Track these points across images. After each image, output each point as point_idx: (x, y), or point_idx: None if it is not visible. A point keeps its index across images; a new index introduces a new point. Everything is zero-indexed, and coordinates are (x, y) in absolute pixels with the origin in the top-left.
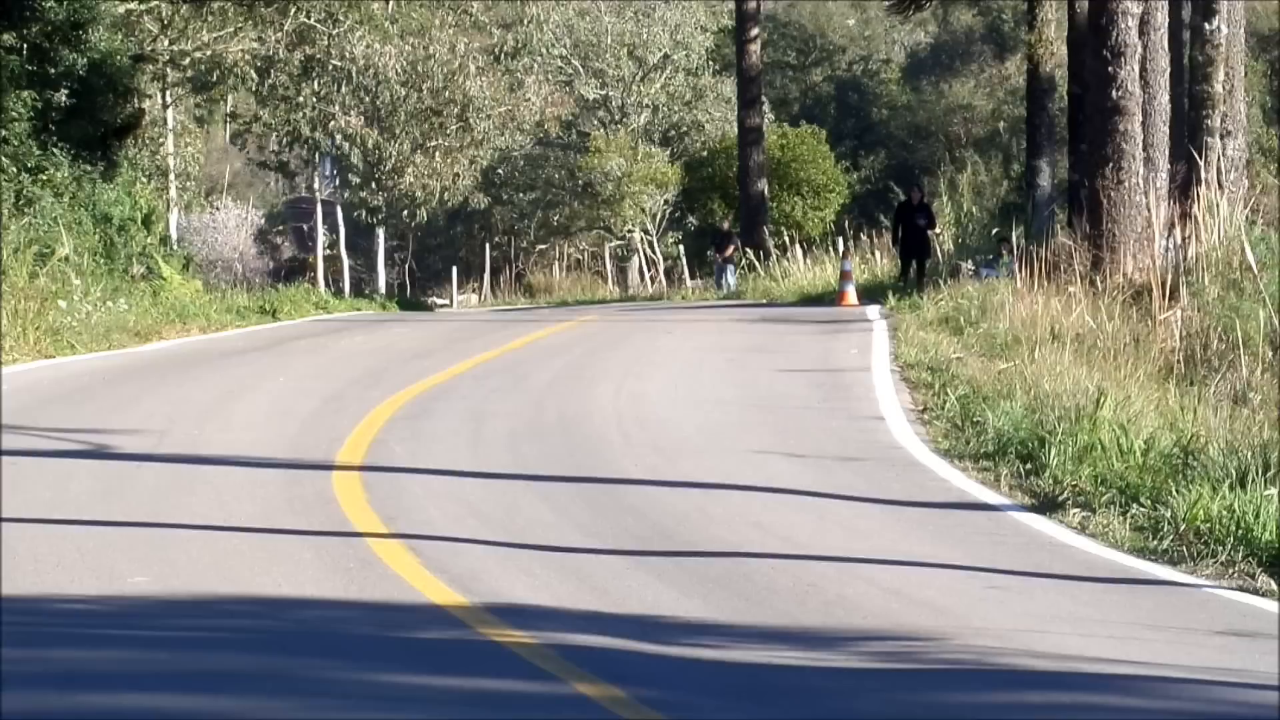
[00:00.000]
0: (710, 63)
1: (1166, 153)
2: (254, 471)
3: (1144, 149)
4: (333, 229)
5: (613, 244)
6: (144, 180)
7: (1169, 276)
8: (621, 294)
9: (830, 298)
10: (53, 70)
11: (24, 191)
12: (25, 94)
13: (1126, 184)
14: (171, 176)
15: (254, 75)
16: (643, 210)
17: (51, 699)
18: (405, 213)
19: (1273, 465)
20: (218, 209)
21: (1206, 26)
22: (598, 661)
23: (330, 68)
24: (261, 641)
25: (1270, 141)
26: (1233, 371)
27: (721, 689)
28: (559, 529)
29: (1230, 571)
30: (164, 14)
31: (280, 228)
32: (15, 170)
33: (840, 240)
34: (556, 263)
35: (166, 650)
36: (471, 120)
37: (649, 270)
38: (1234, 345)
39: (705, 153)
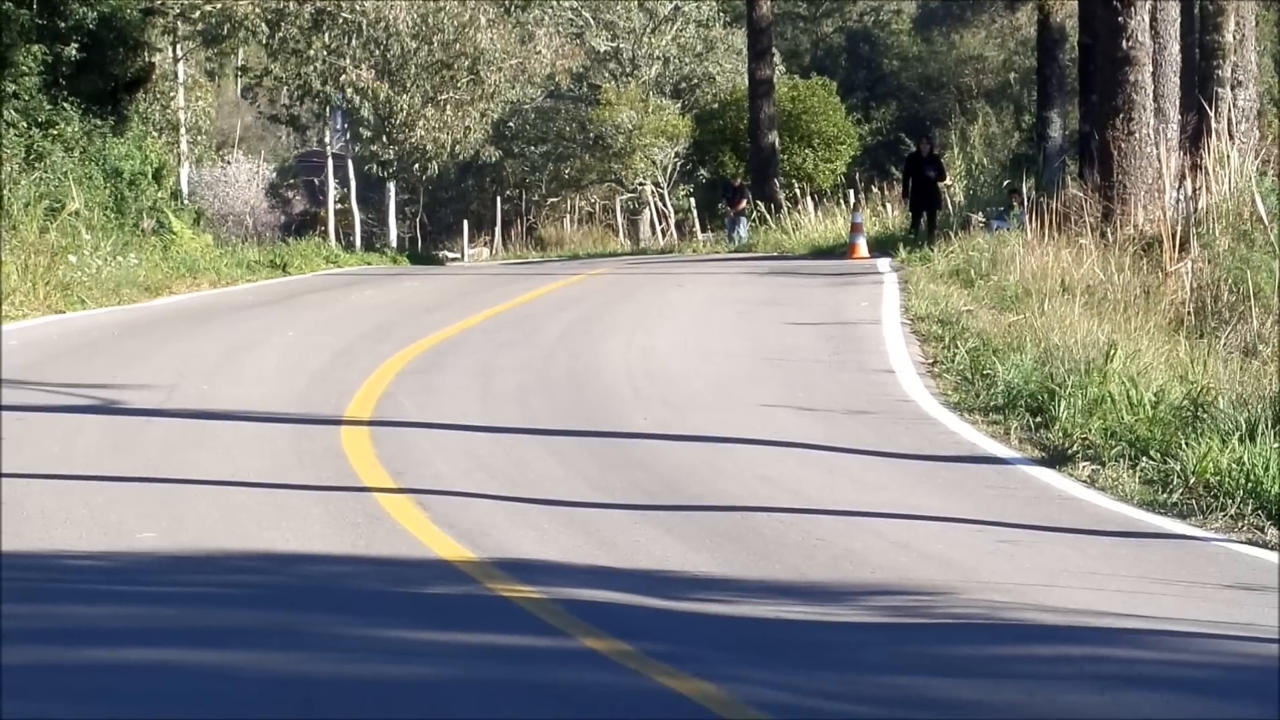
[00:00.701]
0: (721, 14)
1: (1177, 103)
2: (263, 426)
3: (1154, 99)
4: (344, 183)
5: (624, 197)
6: (154, 134)
7: (1179, 228)
8: (633, 247)
9: (841, 250)
10: (62, 24)
11: (34, 146)
12: (35, 48)
13: (1137, 135)
14: (182, 131)
15: (264, 28)
16: (654, 163)
17: (59, 654)
18: (416, 166)
19: None
20: (229, 163)
21: None
22: (605, 616)
23: (341, 21)
24: (269, 597)
25: None
26: (1243, 323)
27: (730, 643)
28: (567, 483)
29: (1239, 525)
30: None
31: (291, 182)
32: (25, 125)
33: (851, 192)
34: (568, 216)
35: (174, 606)
36: (482, 73)
37: (660, 223)
38: (1244, 297)
39: (716, 105)
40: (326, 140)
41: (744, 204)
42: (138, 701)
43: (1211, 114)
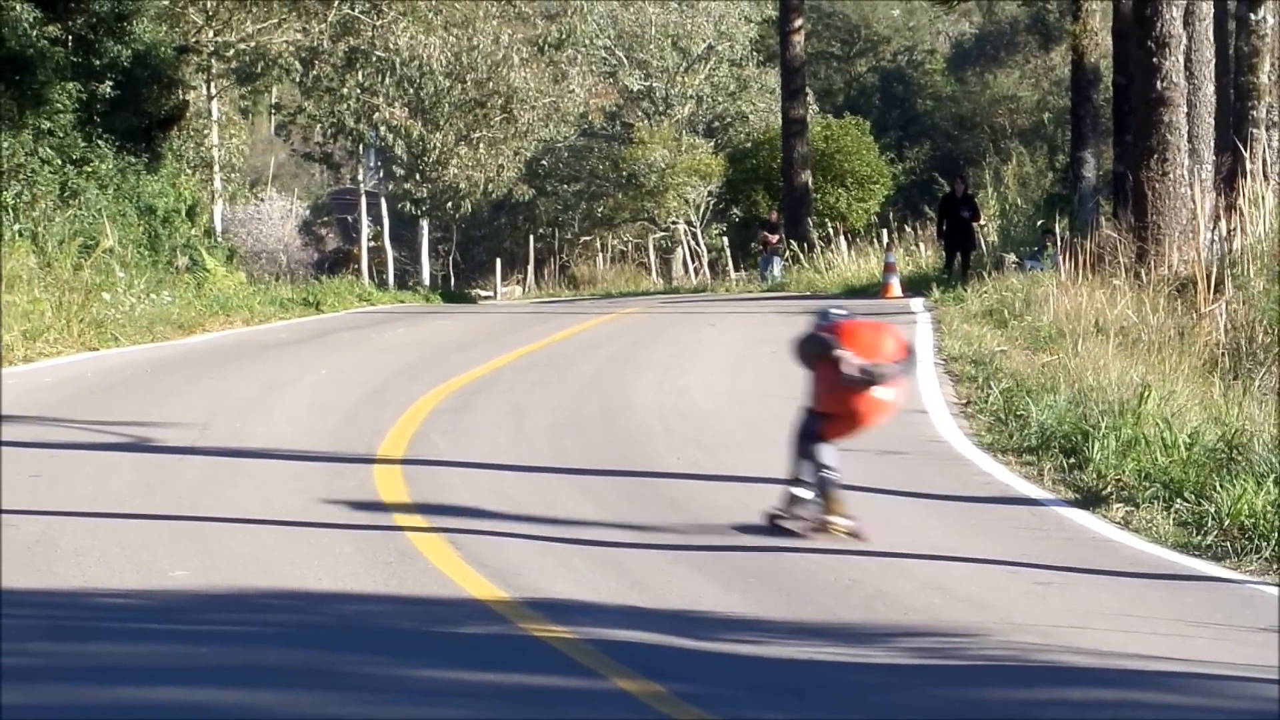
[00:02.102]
0: (754, 54)
1: (1212, 144)
2: (295, 464)
3: (1189, 140)
4: (377, 220)
5: (657, 235)
6: (188, 172)
7: (1214, 269)
8: (665, 286)
9: (874, 290)
10: (97, 62)
11: (69, 183)
12: (70, 86)
13: (1171, 175)
14: (216, 168)
15: (298, 67)
16: (686, 202)
17: (91, 693)
18: (449, 204)
19: None
20: (262, 201)
21: (1252, 17)
22: (638, 657)
23: (374, 59)
24: (301, 636)
25: None
26: (1278, 365)
27: (762, 684)
28: (599, 523)
29: (1274, 567)
30: (208, 5)
31: (324, 219)
32: (60, 162)
33: (884, 232)
34: (600, 254)
35: (206, 644)
36: (515, 111)
37: (693, 262)
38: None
39: (749, 144)
40: (360, 178)
41: (777, 239)
42: None
43: (1246, 155)
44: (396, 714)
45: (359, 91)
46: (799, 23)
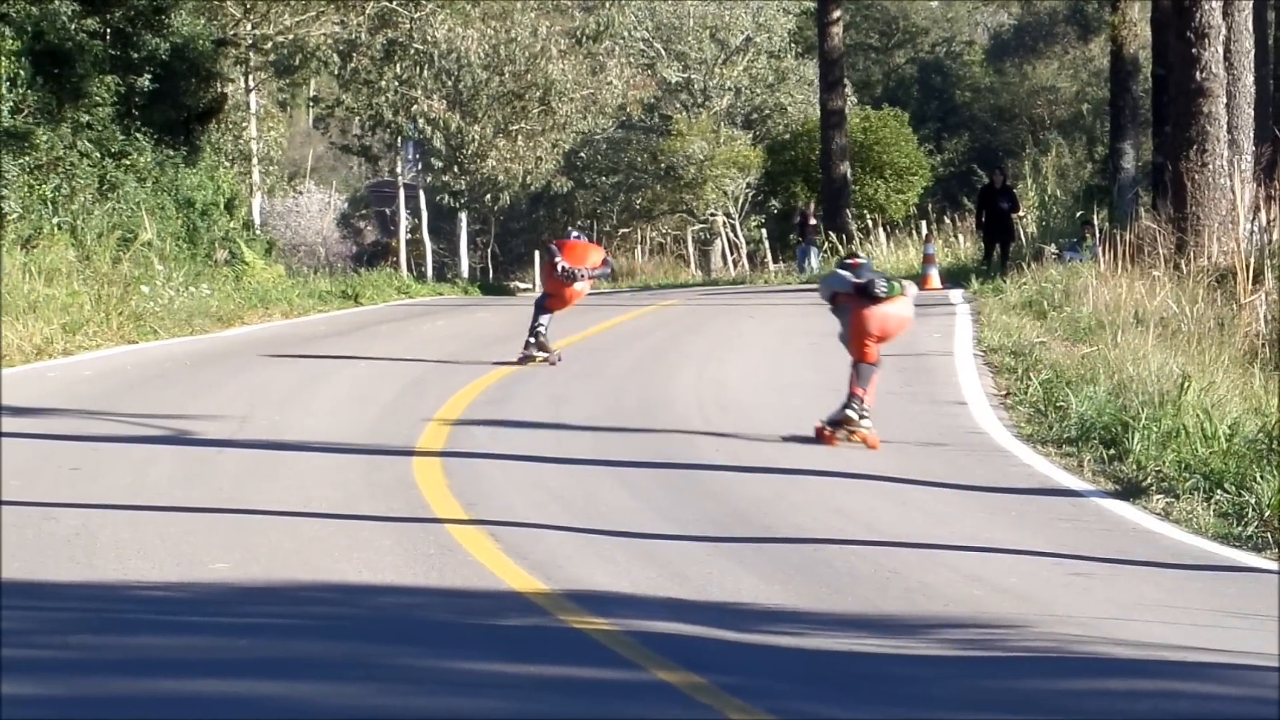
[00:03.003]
0: (792, 45)
1: (1251, 135)
2: (335, 457)
3: (1228, 131)
4: (415, 213)
5: (695, 227)
6: (226, 165)
7: (1253, 260)
8: (704, 278)
9: (913, 281)
10: (135, 55)
11: (107, 176)
12: (108, 79)
13: (1211, 166)
14: (254, 161)
15: (336, 59)
16: (725, 193)
17: (131, 685)
18: (488, 196)
19: None
20: (300, 193)
21: None
22: (678, 648)
23: (412, 51)
24: (341, 628)
25: None
26: None
27: (802, 676)
28: (639, 515)
29: None
30: None
31: (363, 212)
32: (99, 155)
33: (923, 223)
34: (639, 246)
35: (246, 637)
36: (553, 104)
37: (731, 254)
38: None
39: (787, 136)
40: (398, 170)
41: (812, 223)
42: None
43: None
44: (436, 706)
45: (397, 84)
46: (837, 14)
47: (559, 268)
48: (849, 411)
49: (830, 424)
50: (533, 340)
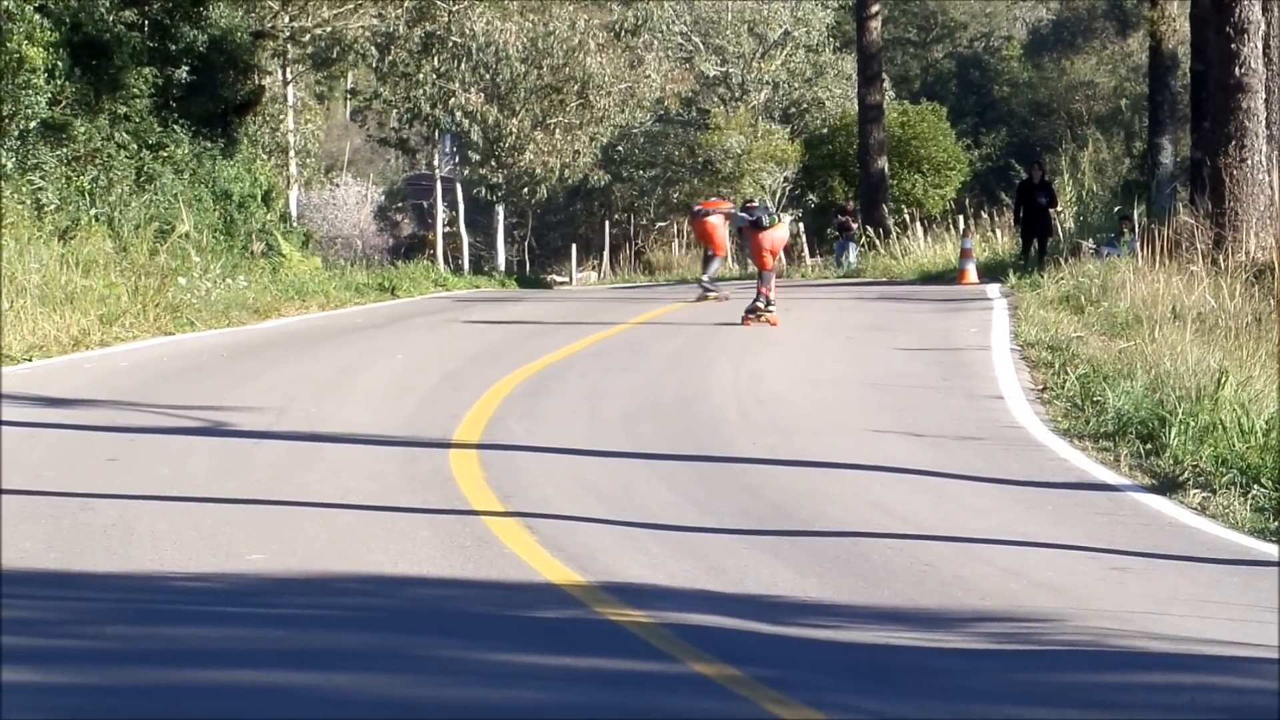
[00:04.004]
0: (831, 39)
1: None
2: (372, 449)
3: (1267, 126)
4: (452, 206)
5: None
6: (264, 157)
7: None
8: (741, 271)
9: (950, 276)
10: (173, 47)
11: (145, 168)
12: (146, 71)
13: (1249, 162)
14: (291, 153)
15: (374, 52)
16: (763, 187)
17: (169, 675)
18: (525, 190)
19: None
20: (337, 186)
21: None
22: (714, 641)
23: (450, 44)
24: (377, 619)
25: None
26: None
27: (838, 669)
28: (676, 508)
29: None
30: None
31: (400, 205)
32: (136, 147)
33: (961, 218)
34: (676, 240)
35: (283, 628)
36: (591, 97)
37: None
38: None
39: (825, 130)
40: (435, 163)
41: (851, 220)
42: None
43: None
44: (471, 697)
45: (435, 77)
46: (875, 8)
47: (693, 211)
48: (759, 304)
49: (748, 313)
50: (704, 281)
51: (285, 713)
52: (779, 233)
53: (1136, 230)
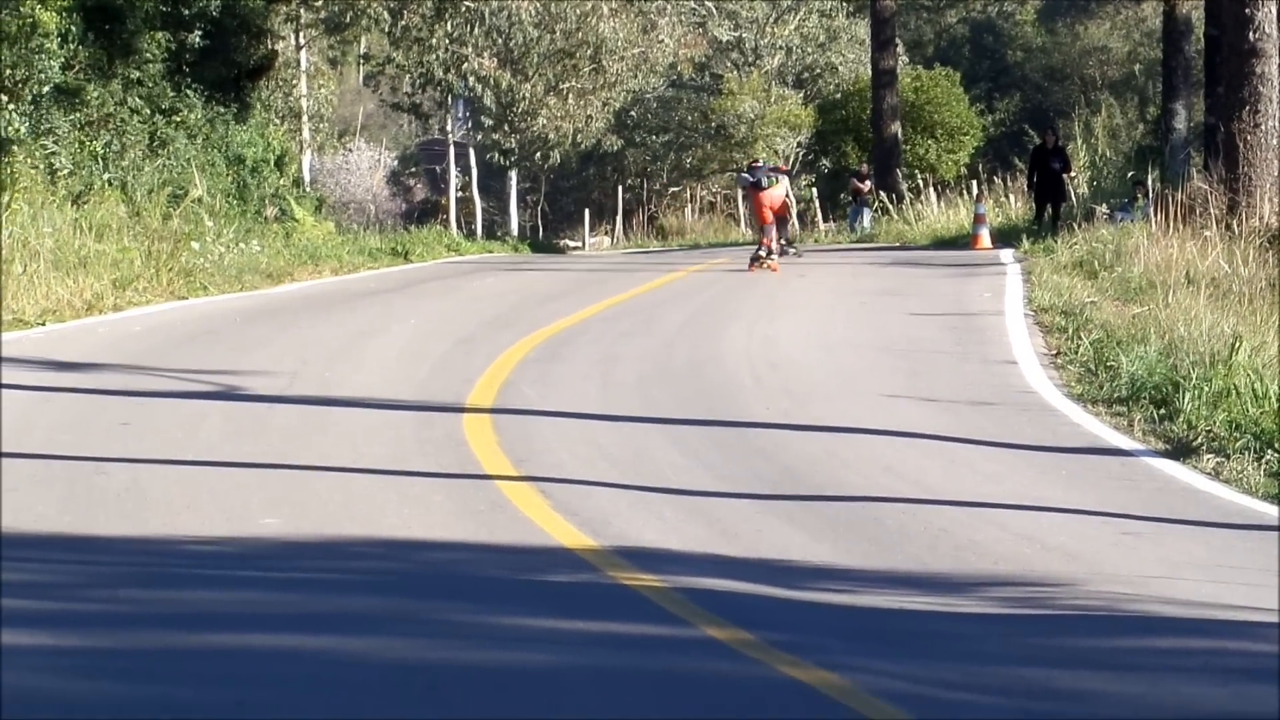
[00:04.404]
0: (844, 4)
1: None
2: (385, 413)
3: None
4: (465, 171)
5: None
6: (277, 122)
7: None
8: (754, 236)
9: (964, 241)
10: (186, 11)
11: (158, 133)
12: (159, 35)
13: (1263, 127)
14: (304, 118)
15: (387, 16)
16: (776, 153)
17: (183, 639)
18: (538, 155)
19: None
20: (350, 151)
21: None
22: (727, 605)
23: (463, 9)
24: (391, 583)
25: None
26: None
27: (852, 633)
28: (689, 472)
29: None
30: None
31: (413, 170)
32: (149, 112)
33: (974, 183)
34: (689, 205)
35: (296, 591)
36: (604, 62)
37: None
38: None
39: (839, 95)
40: (448, 128)
41: (867, 188)
42: (260, 686)
43: None
44: (485, 660)
45: (448, 42)
46: None
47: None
48: (760, 253)
49: (752, 261)
50: (785, 245)
51: (298, 675)
52: (775, 192)
53: (1150, 195)
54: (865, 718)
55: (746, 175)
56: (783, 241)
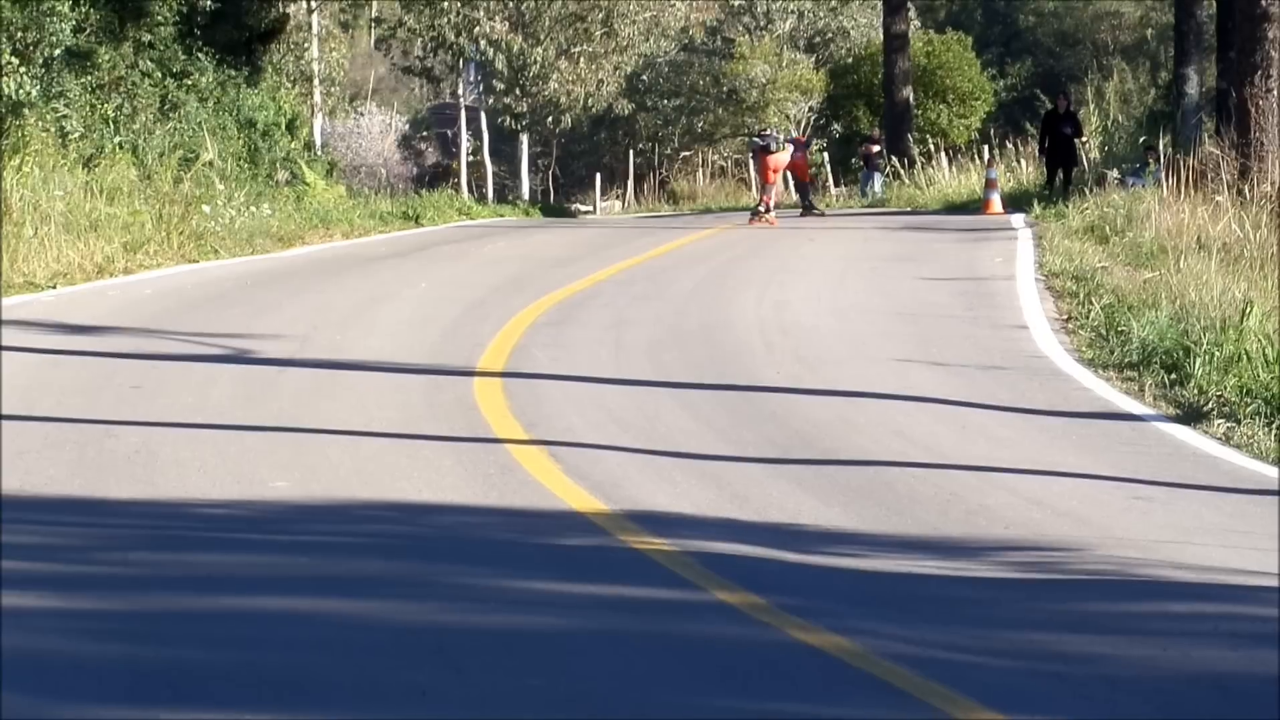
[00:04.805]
0: None
1: None
2: (396, 377)
3: None
4: (476, 135)
5: None
6: (288, 85)
7: None
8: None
9: (975, 206)
10: None
11: (169, 96)
12: None
13: (1275, 92)
14: (316, 82)
15: None
16: (787, 117)
17: (193, 601)
18: (549, 119)
19: None
20: (362, 115)
21: None
22: (738, 569)
23: None
24: (401, 547)
25: None
26: None
27: (862, 597)
28: (700, 436)
29: None
30: None
31: (424, 134)
32: (160, 75)
33: (986, 148)
34: (700, 169)
35: (307, 555)
36: (616, 26)
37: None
38: None
39: (850, 60)
40: (459, 93)
41: (878, 150)
42: (271, 649)
43: None
44: (496, 623)
45: (459, 5)
46: None
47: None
48: (760, 209)
49: (752, 215)
50: (810, 205)
51: (309, 638)
52: (781, 156)
53: (1162, 160)
54: (876, 681)
55: (757, 139)
56: (808, 202)
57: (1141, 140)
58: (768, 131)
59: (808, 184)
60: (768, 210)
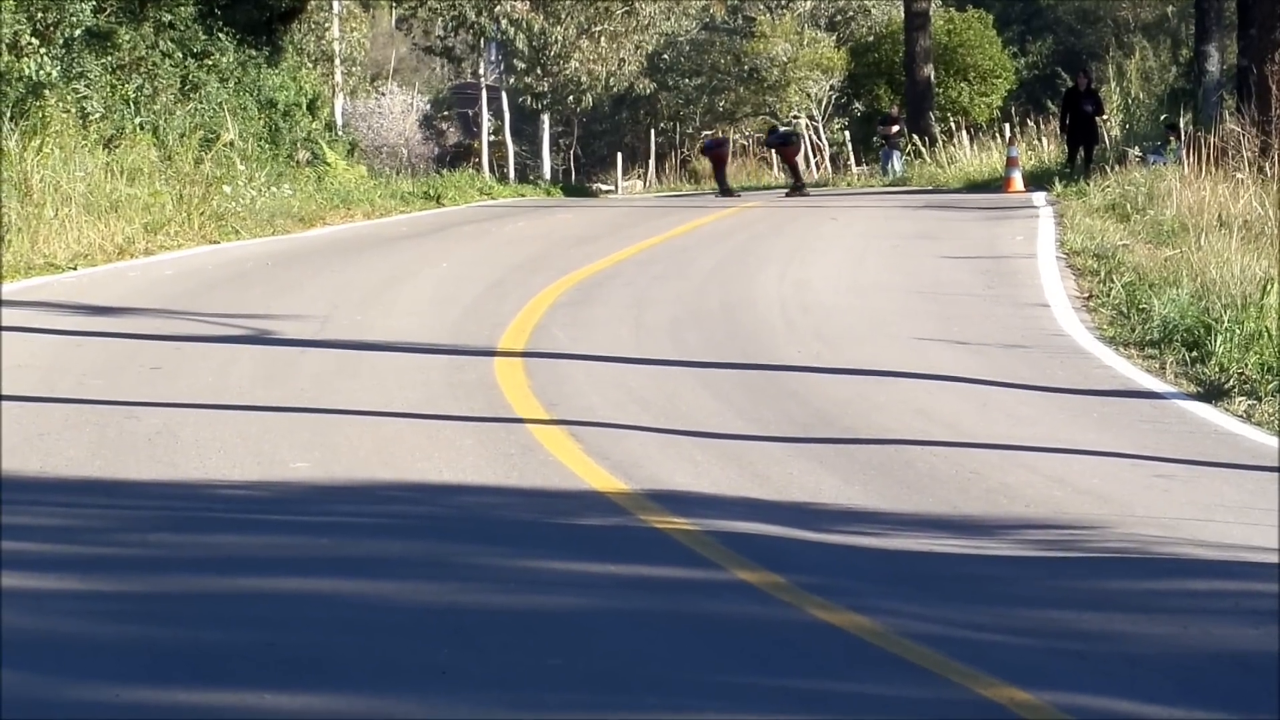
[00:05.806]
0: None
1: None
2: (416, 357)
3: None
4: (498, 115)
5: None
6: (309, 65)
7: None
8: (786, 180)
9: (996, 184)
10: None
11: (190, 76)
12: None
13: None
14: (337, 62)
15: None
16: (808, 96)
17: (213, 582)
18: (570, 98)
19: None
20: (383, 94)
21: None
22: (758, 548)
23: None
24: (422, 527)
25: None
26: None
27: (883, 576)
28: (720, 415)
29: None
30: None
31: (445, 113)
32: (181, 55)
33: (1007, 126)
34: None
35: (327, 535)
36: (637, 5)
37: (814, 156)
38: None
39: (871, 38)
40: (481, 72)
41: (896, 129)
42: (290, 629)
43: None
44: (517, 603)
45: None
46: None
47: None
48: (795, 184)
49: (789, 192)
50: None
51: (329, 619)
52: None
53: (1183, 138)
54: (897, 659)
55: (775, 136)
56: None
57: (1163, 118)
58: (783, 127)
59: (795, 165)
60: (803, 186)
